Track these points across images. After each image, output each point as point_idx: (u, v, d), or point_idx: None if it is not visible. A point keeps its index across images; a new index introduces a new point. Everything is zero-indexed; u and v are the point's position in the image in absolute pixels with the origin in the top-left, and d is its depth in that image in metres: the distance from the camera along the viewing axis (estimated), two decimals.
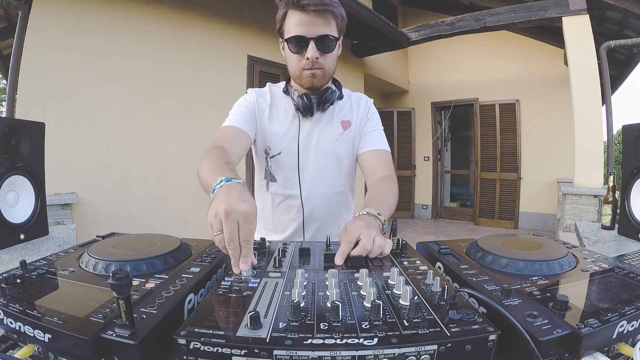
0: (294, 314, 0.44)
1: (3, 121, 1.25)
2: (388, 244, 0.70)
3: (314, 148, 1.08)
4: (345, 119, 1.11)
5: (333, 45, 0.98)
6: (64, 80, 2.74)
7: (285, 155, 1.08)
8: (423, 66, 7.04)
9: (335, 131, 1.09)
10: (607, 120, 4.02)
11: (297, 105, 1.03)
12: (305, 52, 0.95)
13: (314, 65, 0.97)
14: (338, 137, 1.09)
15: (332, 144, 1.09)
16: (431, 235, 5.68)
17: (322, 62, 0.98)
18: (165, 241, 0.74)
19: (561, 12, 3.99)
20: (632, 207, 1.31)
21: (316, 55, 0.95)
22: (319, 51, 0.95)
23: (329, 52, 0.98)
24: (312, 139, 1.08)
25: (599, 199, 3.60)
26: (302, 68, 0.98)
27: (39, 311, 0.46)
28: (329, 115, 1.10)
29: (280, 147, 1.08)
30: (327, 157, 1.09)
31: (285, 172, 1.09)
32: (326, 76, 1.01)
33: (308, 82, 1.00)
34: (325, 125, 1.09)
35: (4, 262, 1.06)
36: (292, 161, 1.08)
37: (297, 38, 0.94)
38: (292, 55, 0.98)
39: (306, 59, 0.95)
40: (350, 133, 1.11)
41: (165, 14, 3.29)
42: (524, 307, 0.49)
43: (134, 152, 3.13)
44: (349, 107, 1.13)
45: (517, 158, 6.00)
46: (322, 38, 0.94)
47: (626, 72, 5.78)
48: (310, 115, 1.06)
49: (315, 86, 1.01)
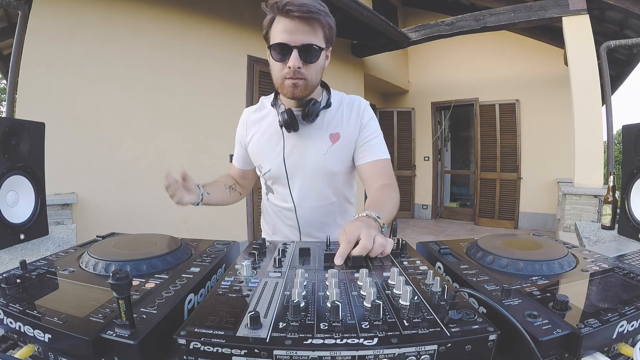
0: (294, 314, 0.44)
1: (3, 121, 1.25)
2: (389, 243, 0.70)
3: (300, 163, 1.06)
4: (334, 132, 1.06)
5: (317, 55, 0.93)
6: (64, 80, 2.74)
7: (274, 171, 1.08)
8: (423, 66, 7.04)
9: (324, 145, 1.05)
10: (607, 120, 4.02)
11: (280, 122, 1.02)
12: (288, 60, 0.91)
13: (295, 74, 0.93)
14: (326, 151, 1.05)
15: (319, 158, 1.05)
16: (431, 235, 5.68)
17: (305, 72, 0.93)
18: (165, 241, 0.74)
19: (561, 12, 3.99)
20: (632, 207, 1.31)
21: (298, 65, 0.91)
22: (302, 60, 0.91)
23: (312, 62, 0.93)
24: (298, 154, 1.06)
25: (599, 199, 3.60)
26: (284, 77, 0.94)
27: (39, 311, 0.46)
28: (316, 128, 1.06)
29: (269, 164, 1.09)
30: (316, 172, 1.06)
31: (278, 186, 1.12)
32: (308, 87, 0.97)
33: (289, 92, 0.96)
34: (311, 140, 1.05)
35: (4, 262, 1.06)
36: (282, 177, 1.08)
37: (280, 45, 0.90)
38: (275, 63, 0.94)
39: (288, 67, 0.92)
40: (340, 146, 1.06)
41: (165, 14, 3.29)
42: (524, 307, 0.49)
43: (134, 152, 3.13)
44: (339, 117, 1.08)
45: (517, 158, 6.00)
46: (306, 47, 0.90)
47: (626, 72, 5.78)
48: (295, 131, 1.02)
49: (297, 96, 0.98)
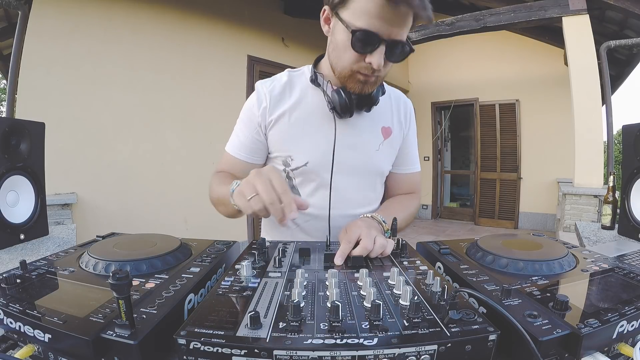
0: (294, 314, 0.44)
1: (3, 121, 1.25)
2: (390, 243, 0.69)
3: (351, 159, 0.88)
4: (386, 125, 0.92)
5: (404, 54, 0.75)
6: (64, 80, 2.74)
7: (314, 164, 0.87)
8: (423, 66, 7.04)
9: (376, 140, 0.90)
10: (607, 120, 4.02)
11: (333, 103, 0.82)
12: (370, 54, 0.72)
13: (374, 72, 0.76)
14: (378, 147, 0.91)
15: (371, 154, 0.90)
16: (431, 235, 5.68)
17: (383, 70, 0.77)
18: (165, 241, 0.74)
19: (561, 12, 3.99)
20: (632, 207, 1.31)
21: (382, 63, 0.73)
22: (385, 57, 0.73)
23: (397, 61, 0.77)
24: (349, 147, 0.87)
25: (599, 199, 3.60)
26: (357, 70, 0.76)
27: (39, 311, 0.46)
28: (368, 119, 0.89)
29: (307, 156, 0.86)
30: (365, 171, 0.92)
31: (309, 185, 0.89)
32: (378, 83, 0.83)
33: (357, 87, 0.79)
34: (364, 131, 0.89)
35: (4, 262, 1.06)
36: (323, 173, 0.87)
37: (367, 34, 0.70)
38: (350, 50, 0.73)
39: (368, 63, 0.74)
40: (391, 143, 0.93)
41: (165, 14, 3.29)
42: (524, 307, 0.49)
43: (134, 152, 3.14)
44: (389, 109, 0.93)
45: (517, 158, 6.00)
46: (396, 43, 0.72)
47: (626, 72, 5.78)
48: (350, 116, 0.85)
49: (365, 93, 0.82)
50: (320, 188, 0.89)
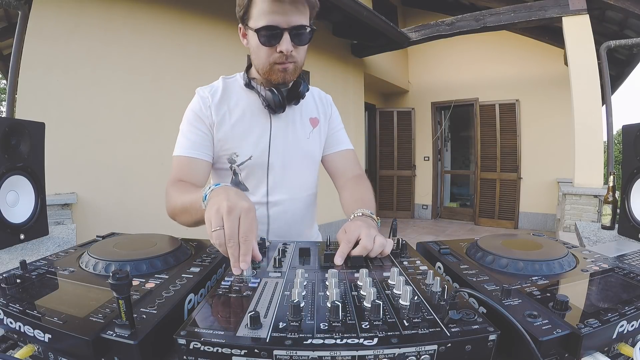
0: (294, 314, 0.44)
1: (3, 121, 1.25)
2: (389, 243, 0.70)
3: (286, 148, 1.00)
4: (312, 116, 1.05)
5: (308, 36, 0.86)
6: (64, 80, 2.74)
7: (256, 158, 0.97)
8: (423, 66, 7.05)
9: (306, 129, 1.03)
10: (607, 120, 4.02)
11: (268, 101, 0.93)
12: (278, 44, 0.83)
13: (287, 59, 0.86)
14: (309, 135, 1.03)
15: (304, 142, 1.02)
16: (431, 235, 5.68)
17: (295, 55, 0.87)
18: (165, 241, 0.74)
19: (561, 12, 3.99)
20: (632, 207, 1.31)
21: (291, 49, 0.84)
22: (293, 43, 0.84)
23: (303, 44, 0.87)
24: (284, 138, 0.99)
25: (599, 199, 3.60)
26: (274, 62, 0.87)
27: (39, 311, 0.46)
28: (297, 112, 1.02)
29: (249, 150, 0.96)
30: (300, 158, 1.02)
31: (253, 179, 0.99)
32: (297, 70, 0.91)
33: (279, 77, 0.89)
34: (295, 123, 1.01)
35: (4, 262, 1.06)
36: (262, 165, 0.98)
37: (269, 28, 0.82)
38: (262, 47, 0.85)
39: (279, 52, 0.84)
40: (319, 131, 1.06)
41: (165, 14, 3.29)
42: (524, 307, 0.49)
43: (134, 152, 3.14)
44: (313, 103, 1.07)
45: (517, 158, 6.00)
46: (297, 28, 0.83)
47: (626, 72, 5.78)
48: (283, 111, 0.97)
49: (287, 81, 0.92)
50: (261, 178, 0.99)
